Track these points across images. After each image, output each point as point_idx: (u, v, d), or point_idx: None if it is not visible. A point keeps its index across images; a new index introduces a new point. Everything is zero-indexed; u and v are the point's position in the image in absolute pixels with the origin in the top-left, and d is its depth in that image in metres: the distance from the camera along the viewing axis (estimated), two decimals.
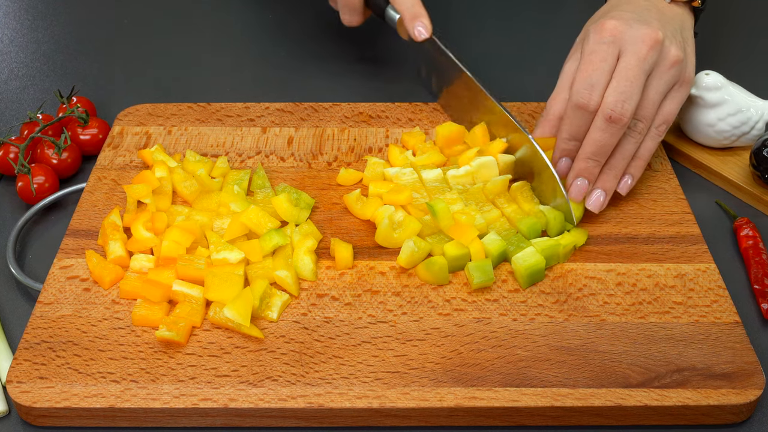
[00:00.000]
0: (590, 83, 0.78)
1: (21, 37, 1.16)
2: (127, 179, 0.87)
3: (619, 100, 0.77)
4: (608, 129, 0.78)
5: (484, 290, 0.76)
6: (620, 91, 0.77)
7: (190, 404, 0.67)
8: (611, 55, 0.79)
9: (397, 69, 1.07)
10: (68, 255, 0.79)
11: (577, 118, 0.79)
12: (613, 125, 0.78)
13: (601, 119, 0.78)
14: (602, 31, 0.79)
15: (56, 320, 0.73)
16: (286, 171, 0.89)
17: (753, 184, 0.88)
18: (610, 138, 0.79)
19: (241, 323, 0.71)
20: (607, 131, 0.78)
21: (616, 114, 0.77)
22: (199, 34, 1.16)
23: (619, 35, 0.79)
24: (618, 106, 0.77)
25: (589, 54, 0.79)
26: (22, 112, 1.02)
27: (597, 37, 0.80)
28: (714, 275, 0.77)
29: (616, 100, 0.77)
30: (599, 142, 0.79)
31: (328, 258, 0.79)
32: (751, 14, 1.20)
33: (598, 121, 0.78)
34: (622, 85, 0.77)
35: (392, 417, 0.68)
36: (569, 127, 0.80)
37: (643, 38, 0.78)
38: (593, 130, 0.79)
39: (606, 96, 0.78)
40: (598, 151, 0.79)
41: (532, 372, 0.69)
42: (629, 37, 0.79)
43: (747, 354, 0.70)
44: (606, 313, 0.74)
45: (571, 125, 0.80)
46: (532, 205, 0.81)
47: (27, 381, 0.68)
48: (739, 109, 0.88)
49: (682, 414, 0.68)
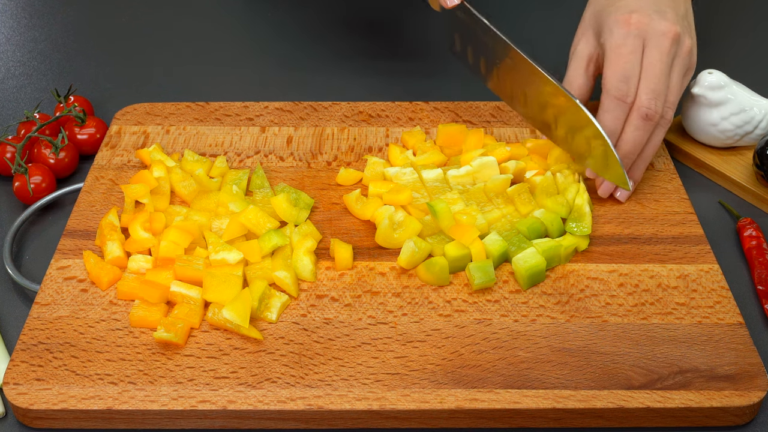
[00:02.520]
0: (625, 76, 0.81)
1: (18, 36, 1.16)
2: (125, 179, 0.87)
3: (652, 98, 0.80)
4: (644, 127, 0.81)
5: (485, 291, 0.76)
6: (651, 88, 0.80)
7: (189, 406, 0.67)
8: (639, 48, 0.81)
9: (397, 68, 1.07)
10: (65, 255, 0.79)
11: (618, 111, 0.81)
12: (649, 122, 0.81)
13: (637, 118, 0.81)
14: (628, 24, 0.81)
15: (53, 321, 0.73)
16: (285, 171, 0.88)
17: (756, 184, 0.87)
18: (645, 135, 0.82)
19: (240, 324, 0.71)
20: (643, 129, 0.81)
21: (651, 112, 0.80)
22: (197, 32, 1.16)
23: (644, 27, 0.81)
24: (653, 104, 0.80)
25: (618, 47, 0.81)
26: (19, 112, 1.02)
27: (623, 30, 0.81)
28: (717, 276, 0.77)
29: (649, 98, 0.80)
30: (637, 140, 0.81)
31: (328, 258, 0.78)
32: (755, 13, 1.20)
33: (635, 121, 0.81)
34: (652, 82, 0.80)
35: (392, 419, 0.67)
36: (612, 120, 0.81)
37: (664, 32, 0.81)
38: (630, 129, 0.81)
39: (639, 95, 0.81)
40: (634, 149, 0.82)
41: (533, 373, 0.69)
42: (652, 30, 0.81)
43: (750, 355, 0.70)
44: (608, 314, 0.73)
45: (614, 118, 0.81)
46: (529, 208, 0.81)
47: (24, 383, 0.68)
48: (743, 109, 0.88)
49: (684, 416, 0.67)
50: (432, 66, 1.07)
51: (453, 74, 1.06)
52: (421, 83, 1.04)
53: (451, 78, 1.05)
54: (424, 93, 1.00)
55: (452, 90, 1.02)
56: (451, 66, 1.06)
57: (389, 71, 1.07)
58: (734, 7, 1.20)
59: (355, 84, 1.04)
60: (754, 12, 1.20)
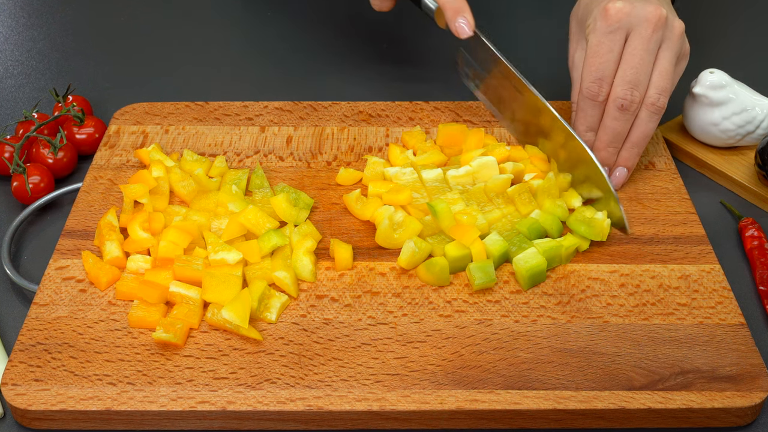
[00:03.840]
0: (598, 76, 0.81)
1: (16, 35, 1.16)
2: (124, 179, 0.87)
3: (627, 89, 0.80)
4: (621, 117, 0.82)
5: (485, 291, 0.75)
6: (627, 80, 0.80)
7: (188, 407, 0.66)
8: (618, 44, 0.81)
9: (397, 67, 1.07)
10: (64, 256, 0.78)
11: (590, 109, 0.83)
12: (626, 112, 0.81)
13: (613, 109, 0.81)
14: (607, 17, 0.81)
15: (52, 322, 0.72)
16: (285, 170, 0.88)
17: (758, 184, 0.87)
18: (625, 124, 0.82)
19: (240, 325, 0.70)
20: (620, 119, 0.82)
21: (627, 102, 0.81)
22: (196, 31, 1.16)
23: (625, 17, 0.81)
24: (627, 95, 0.80)
25: (596, 45, 0.81)
26: (18, 111, 1.01)
27: (603, 24, 0.81)
28: (719, 276, 0.77)
29: (624, 89, 0.80)
30: (615, 130, 0.82)
31: (328, 259, 0.78)
32: (756, 12, 1.19)
33: (611, 111, 0.82)
34: (628, 73, 0.80)
35: (392, 420, 0.67)
36: (584, 119, 0.83)
37: (647, 17, 0.80)
38: (607, 119, 0.82)
39: (615, 86, 0.81)
40: (615, 138, 0.83)
41: (534, 374, 0.68)
42: (634, 17, 0.81)
43: (752, 356, 0.70)
44: (609, 315, 0.73)
45: (586, 116, 0.83)
46: (530, 208, 0.81)
47: (22, 383, 0.68)
48: (744, 108, 0.88)
49: (686, 417, 0.67)
50: (432, 65, 1.07)
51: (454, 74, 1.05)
52: (421, 83, 1.04)
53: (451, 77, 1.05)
54: (425, 92, 1.00)
55: (453, 90, 1.02)
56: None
57: (390, 70, 1.07)
58: (736, 6, 1.20)
59: (355, 83, 1.04)
60: (755, 10, 1.20)
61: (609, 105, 0.82)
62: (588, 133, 0.84)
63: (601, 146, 0.83)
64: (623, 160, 0.84)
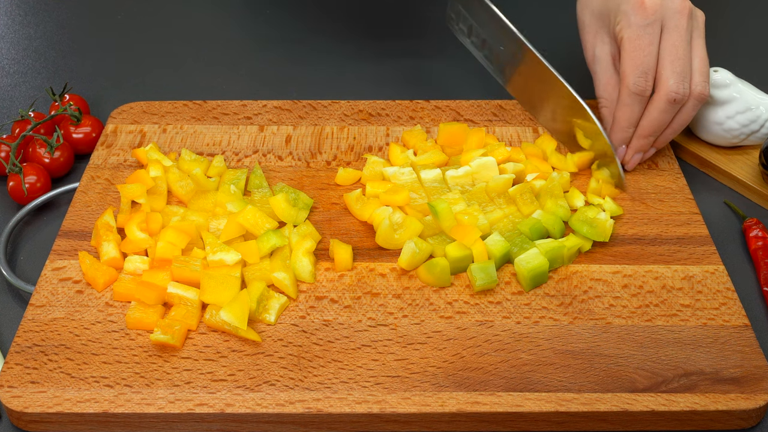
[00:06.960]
0: (644, 70, 0.81)
1: (12, 34, 1.15)
2: (121, 179, 0.87)
3: (680, 82, 0.81)
4: (671, 109, 0.82)
5: (486, 292, 0.75)
6: (677, 72, 0.81)
7: (186, 409, 0.66)
8: (657, 36, 0.82)
9: (397, 66, 1.07)
10: (61, 256, 0.78)
11: (636, 105, 0.83)
12: (677, 105, 0.82)
13: (664, 102, 0.82)
14: (644, 10, 0.81)
15: (48, 323, 0.72)
16: (284, 170, 0.88)
17: (762, 184, 0.87)
18: (670, 116, 0.83)
19: (238, 326, 0.70)
20: (670, 111, 0.82)
21: (680, 96, 0.81)
22: (194, 30, 1.16)
23: (660, 10, 0.82)
24: (680, 89, 0.81)
25: (637, 38, 0.82)
26: (14, 110, 1.01)
27: (640, 18, 0.82)
28: (722, 277, 0.76)
29: (677, 82, 0.81)
30: (660, 121, 0.83)
31: (327, 259, 0.78)
32: (760, 11, 1.19)
33: (661, 104, 0.82)
34: (678, 65, 0.81)
35: (393, 422, 0.67)
36: (629, 114, 0.84)
37: (679, 10, 0.82)
38: (654, 111, 0.83)
39: (665, 80, 0.81)
40: (657, 129, 0.84)
41: (536, 376, 0.68)
42: (667, 9, 0.82)
43: (756, 358, 0.69)
44: (612, 316, 0.73)
45: (632, 113, 0.83)
46: (531, 208, 0.80)
47: (18, 385, 0.68)
48: (749, 107, 0.87)
49: (689, 419, 0.67)
50: (433, 65, 1.07)
51: (454, 73, 1.05)
52: (421, 82, 1.04)
53: (452, 77, 1.05)
54: (425, 92, 1.00)
55: (453, 89, 1.01)
56: (453, 64, 1.06)
57: (390, 70, 1.06)
58: (740, 5, 1.20)
59: (354, 82, 1.04)
60: (760, 9, 1.20)
61: (658, 98, 0.82)
62: (630, 129, 0.84)
63: (642, 134, 0.84)
64: (658, 144, 0.86)
